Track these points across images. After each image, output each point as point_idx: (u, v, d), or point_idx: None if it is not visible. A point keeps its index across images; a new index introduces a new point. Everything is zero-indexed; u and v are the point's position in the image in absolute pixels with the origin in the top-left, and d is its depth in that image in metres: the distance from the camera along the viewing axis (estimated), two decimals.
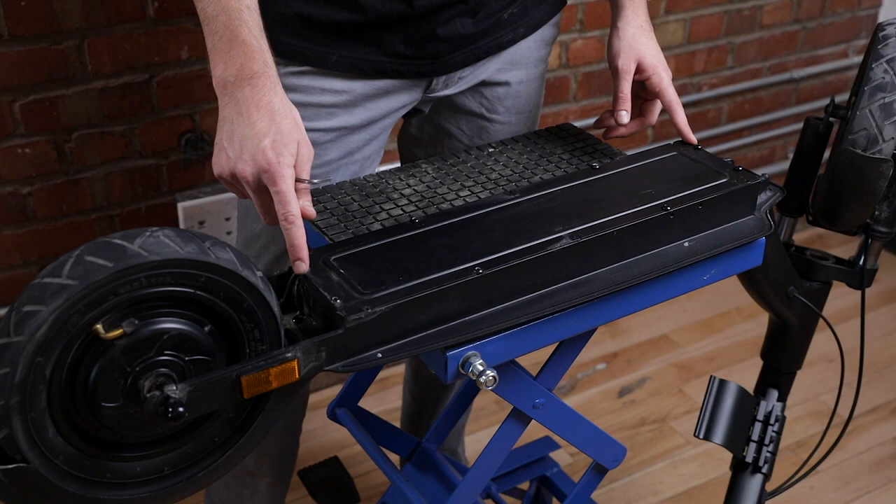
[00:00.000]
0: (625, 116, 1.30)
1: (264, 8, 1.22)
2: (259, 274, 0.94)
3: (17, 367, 0.83)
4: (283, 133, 1.01)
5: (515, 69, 1.41)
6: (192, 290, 0.89)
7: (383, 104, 1.34)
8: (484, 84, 1.40)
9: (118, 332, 0.86)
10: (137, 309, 0.88)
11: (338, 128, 1.32)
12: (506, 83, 1.41)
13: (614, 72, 1.31)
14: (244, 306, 0.92)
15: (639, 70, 1.30)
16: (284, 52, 1.28)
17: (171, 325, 0.89)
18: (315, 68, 1.29)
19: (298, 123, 1.04)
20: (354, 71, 1.29)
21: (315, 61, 1.29)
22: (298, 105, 1.29)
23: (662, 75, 1.30)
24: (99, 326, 0.86)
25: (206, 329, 0.92)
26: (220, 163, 1.03)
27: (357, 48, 1.28)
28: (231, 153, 1.01)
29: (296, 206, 0.98)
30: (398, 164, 1.43)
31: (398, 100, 1.35)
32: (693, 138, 1.29)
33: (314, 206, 1.22)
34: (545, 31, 1.42)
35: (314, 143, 1.31)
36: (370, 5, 1.24)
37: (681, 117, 1.29)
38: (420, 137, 1.49)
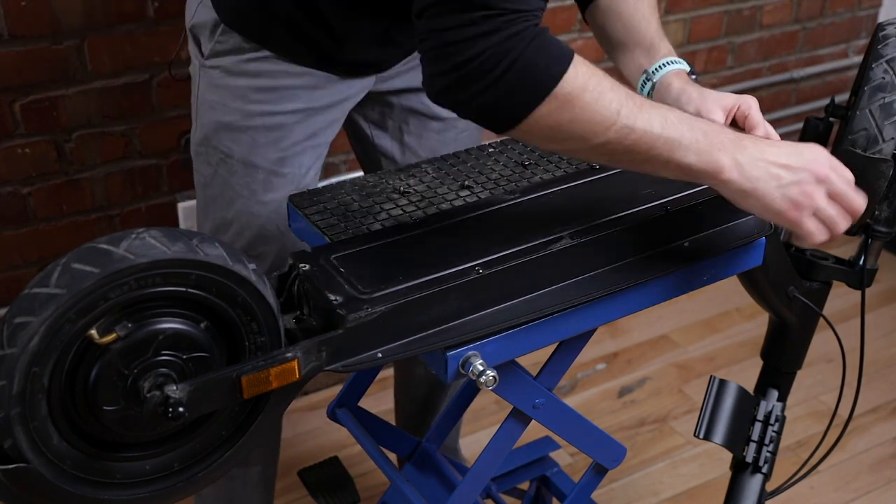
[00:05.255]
0: None
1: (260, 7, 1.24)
2: (252, 266, 0.93)
3: (13, 379, 0.83)
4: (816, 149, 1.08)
5: None
6: (183, 289, 0.88)
7: (344, 87, 1.37)
8: None
9: (112, 336, 0.86)
10: (130, 311, 0.87)
11: (302, 109, 1.34)
12: None
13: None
14: (238, 300, 0.92)
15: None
16: (249, 33, 1.30)
17: (165, 324, 0.89)
18: (274, 53, 1.31)
19: None
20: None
21: (279, 48, 1.31)
22: (263, 90, 1.32)
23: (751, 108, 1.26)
24: (93, 332, 0.85)
25: (203, 326, 0.92)
26: (790, 194, 1.04)
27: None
28: (794, 177, 1.04)
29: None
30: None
31: (359, 84, 1.40)
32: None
33: (313, 206, 1.22)
34: None
35: (280, 127, 1.34)
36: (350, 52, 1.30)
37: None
38: (383, 123, 1.51)
